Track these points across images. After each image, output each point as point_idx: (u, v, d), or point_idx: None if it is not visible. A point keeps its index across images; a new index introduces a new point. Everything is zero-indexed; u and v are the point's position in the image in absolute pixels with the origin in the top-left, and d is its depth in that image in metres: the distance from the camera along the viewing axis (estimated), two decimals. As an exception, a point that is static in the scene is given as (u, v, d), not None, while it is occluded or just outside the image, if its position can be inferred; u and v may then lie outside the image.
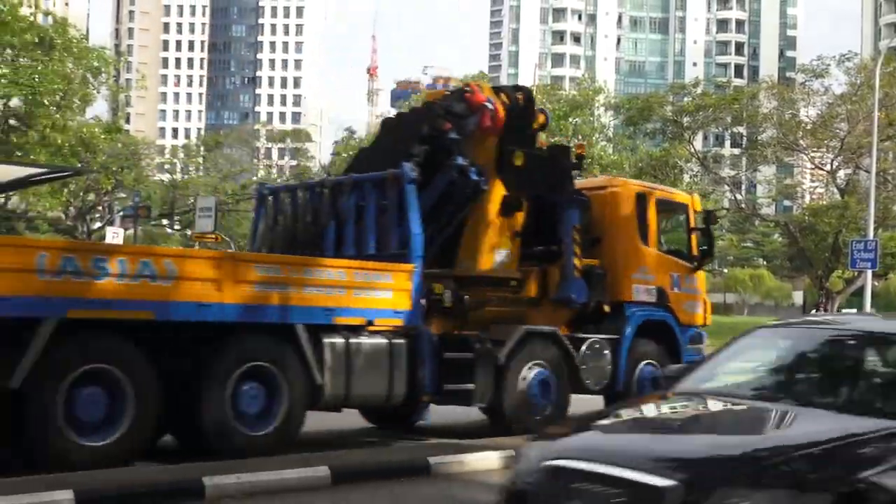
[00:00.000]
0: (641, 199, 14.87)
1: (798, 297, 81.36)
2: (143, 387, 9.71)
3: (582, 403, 13.16)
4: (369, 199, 12.91)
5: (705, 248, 15.67)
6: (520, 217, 13.75)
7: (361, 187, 13.05)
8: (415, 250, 12.20)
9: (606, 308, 14.32)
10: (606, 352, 13.96)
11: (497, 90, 14.10)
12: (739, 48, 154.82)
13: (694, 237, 15.61)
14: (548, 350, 13.30)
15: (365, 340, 11.60)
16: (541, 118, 14.47)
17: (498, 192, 13.50)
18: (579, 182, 15.24)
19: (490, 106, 13.40)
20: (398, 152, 13.02)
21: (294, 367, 10.88)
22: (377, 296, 11.79)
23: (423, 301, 12.26)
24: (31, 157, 34.68)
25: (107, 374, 9.52)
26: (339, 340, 11.32)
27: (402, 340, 11.89)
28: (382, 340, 11.74)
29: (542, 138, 15.21)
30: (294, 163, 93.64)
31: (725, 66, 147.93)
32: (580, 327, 14.10)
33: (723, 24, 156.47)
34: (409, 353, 11.91)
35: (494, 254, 13.51)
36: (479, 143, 13.53)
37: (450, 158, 13.00)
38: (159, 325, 9.95)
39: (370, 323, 11.78)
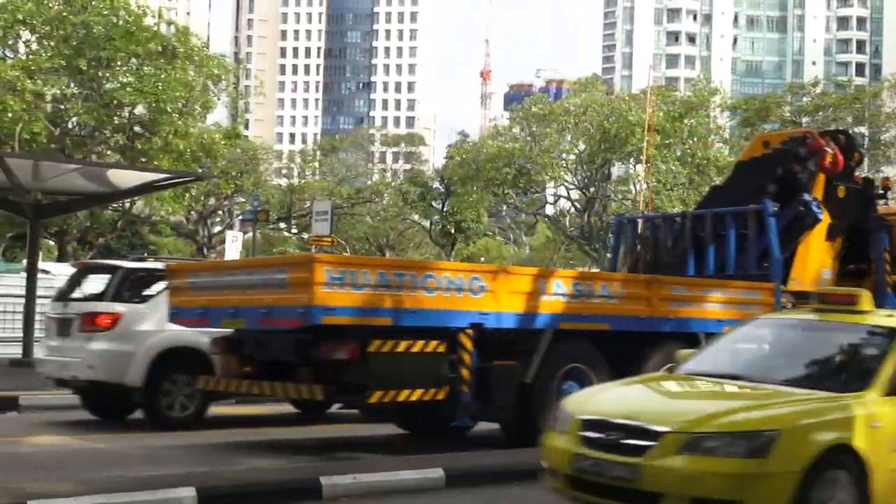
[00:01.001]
0: None
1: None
2: (601, 381, 11.73)
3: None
4: (729, 229, 15.22)
5: None
6: (840, 241, 15.89)
7: (721, 219, 15.41)
8: (776, 271, 14.53)
9: None
10: None
11: (822, 134, 16.59)
12: (861, 46, 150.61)
13: None
14: None
15: None
16: (857, 156, 16.92)
17: (825, 220, 15.57)
18: (881, 209, 17.22)
19: (830, 150, 15.63)
20: (751, 189, 15.43)
21: None
22: (750, 309, 13.68)
23: None
24: (155, 162, 35.58)
25: (580, 371, 12.20)
26: None
27: None
28: None
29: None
30: (408, 166, 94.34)
31: (846, 64, 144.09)
32: None
33: (843, 22, 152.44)
34: None
35: (821, 272, 15.56)
36: (813, 180, 15.63)
37: (798, 195, 15.13)
38: (611, 333, 12.56)
39: None
